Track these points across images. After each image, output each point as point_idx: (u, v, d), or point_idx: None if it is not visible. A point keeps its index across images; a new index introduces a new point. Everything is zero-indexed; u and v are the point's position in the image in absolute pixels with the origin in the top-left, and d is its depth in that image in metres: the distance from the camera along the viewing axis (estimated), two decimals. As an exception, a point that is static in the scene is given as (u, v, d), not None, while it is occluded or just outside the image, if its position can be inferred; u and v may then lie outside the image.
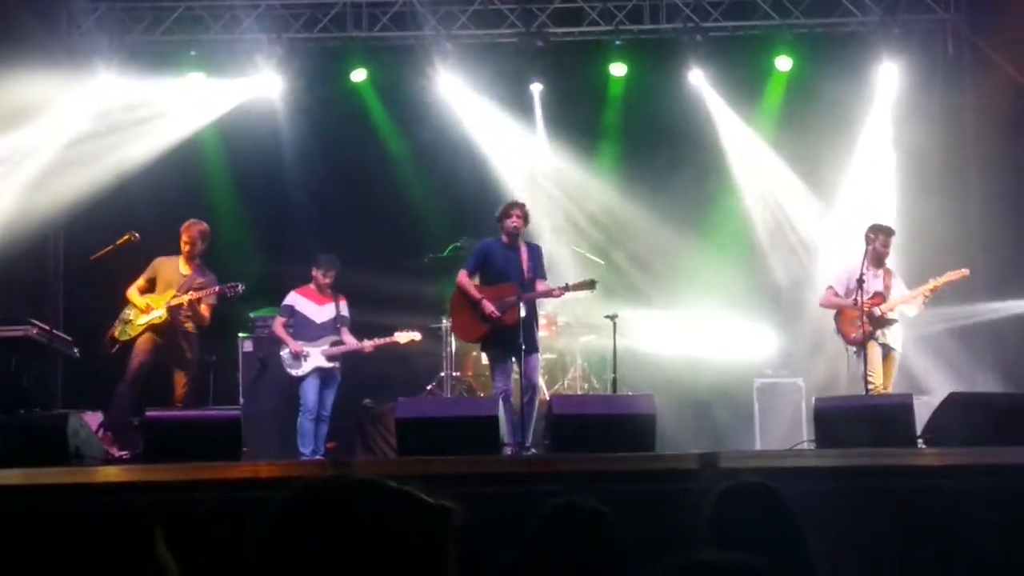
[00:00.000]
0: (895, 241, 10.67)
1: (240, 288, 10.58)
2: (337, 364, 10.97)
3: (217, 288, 10.45)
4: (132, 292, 10.50)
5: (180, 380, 10.47)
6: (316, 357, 10.81)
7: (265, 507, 1.94)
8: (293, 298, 11.09)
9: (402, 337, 11.08)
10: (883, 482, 7.60)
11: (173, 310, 10.34)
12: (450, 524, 1.98)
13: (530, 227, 10.53)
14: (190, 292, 10.33)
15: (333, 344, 10.89)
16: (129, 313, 10.45)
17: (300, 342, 10.84)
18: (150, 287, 10.53)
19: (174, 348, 10.48)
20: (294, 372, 10.82)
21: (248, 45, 12.81)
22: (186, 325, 10.50)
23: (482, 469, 7.91)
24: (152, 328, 10.35)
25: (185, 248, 10.54)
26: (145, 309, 10.38)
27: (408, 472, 7.89)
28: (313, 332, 10.92)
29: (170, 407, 9.99)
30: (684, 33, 12.75)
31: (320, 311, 11.00)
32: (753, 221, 13.04)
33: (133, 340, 10.36)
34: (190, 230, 10.54)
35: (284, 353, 10.88)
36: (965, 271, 10.41)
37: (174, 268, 10.57)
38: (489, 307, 9.90)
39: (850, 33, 12.84)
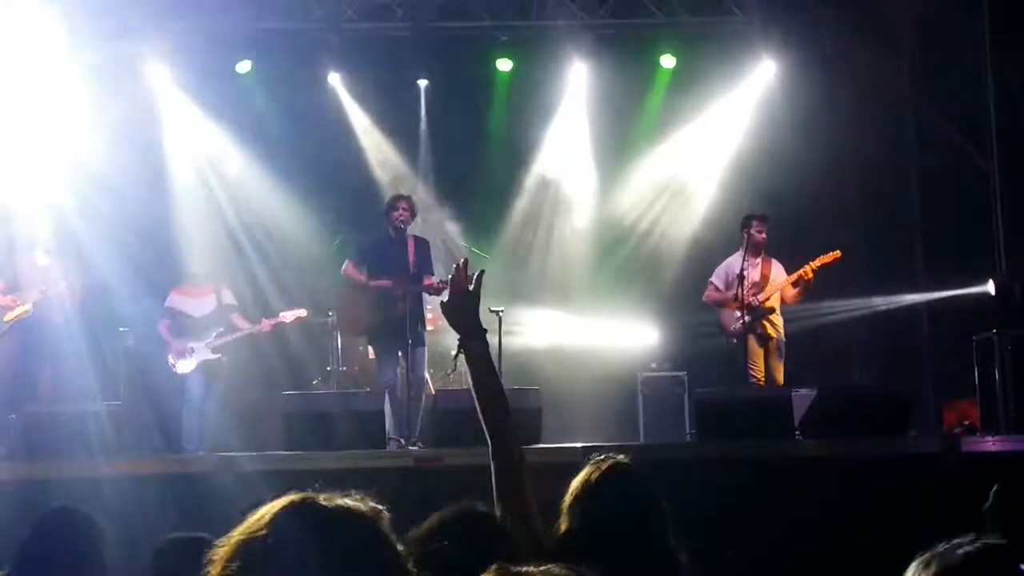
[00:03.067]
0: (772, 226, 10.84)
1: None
2: (223, 356, 10.85)
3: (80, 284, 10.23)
4: None
5: (47, 376, 10.12)
6: (201, 351, 10.68)
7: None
8: (171, 299, 10.93)
9: (288, 316, 11.00)
10: (761, 473, 7.82)
11: (40, 303, 10.06)
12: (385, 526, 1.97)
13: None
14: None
15: (218, 335, 10.77)
16: None
17: (185, 338, 10.68)
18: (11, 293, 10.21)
19: (40, 343, 10.12)
20: (179, 370, 10.66)
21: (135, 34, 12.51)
22: (54, 317, 10.18)
23: (367, 464, 7.94)
24: (20, 322, 10.05)
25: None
26: (10, 304, 10.07)
27: (293, 468, 7.87)
28: (196, 327, 10.77)
29: (46, 402, 9.73)
30: (569, 30, 12.82)
31: (199, 305, 10.85)
32: (637, 215, 13.19)
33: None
34: None
35: (169, 354, 10.72)
36: (837, 253, 10.56)
37: (32, 265, 10.23)
38: (381, 283, 9.85)
39: (732, 32, 13.00)
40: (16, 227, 10.37)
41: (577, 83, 13.03)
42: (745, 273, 10.45)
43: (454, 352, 3.80)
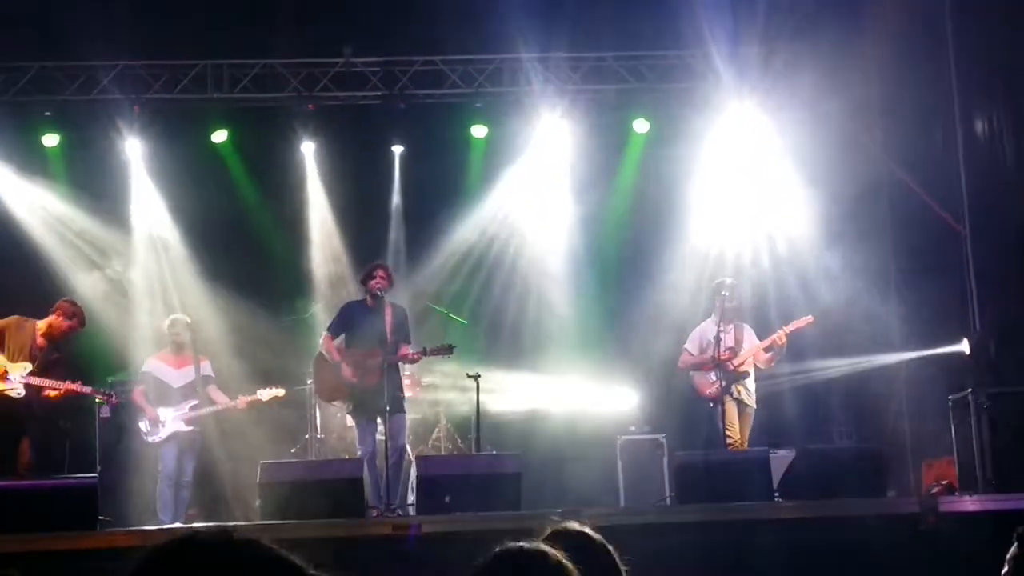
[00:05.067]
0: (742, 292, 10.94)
1: (114, 400, 10.56)
2: (197, 428, 10.77)
3: (89, 389, 10.17)
4: None
5: (25, 447, 9.92)
6: (173, 422, 10.59)
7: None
8: (150, 364, 10.91)
9: (264, 394, 10.93)
10: (740, 535, 7.81)
11: (30, 388, 9.90)
12: None
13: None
14: (62, 384, 9.89)
15: (192, 408, 10.71)
16: None
17: (161, 408, 10.63)
18: None
19: (21, 415, 9.94)
20: (151, 439, 10.59)
21: (106, 106, 12.59)
22: (39, 393, 10.07)
23: (346, 533, 7.89)
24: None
25: (52, 325, 10.10)
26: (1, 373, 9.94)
27: (272, 536, 7.79)
28: (172, 396, 10.71)
29: (15, 476, 9.56)
30: (542, 96, 12.92)
31: (178, 375, 10.81)
32: (615, 281, 13.22)
33: None
34: (64, 309, 10.16)
35: (141, 422, 10.66)
36: (810, 317, 10.66)
37: (30, 337, 10.05)
38: (347, 371, 9.88)
39: (704, 94, 13.08)
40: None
41: (552, 146, 13.11)
42: (721, 336, 10.50)
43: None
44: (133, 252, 12.91)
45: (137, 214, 12.94)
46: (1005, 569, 4.20)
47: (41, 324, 10.12)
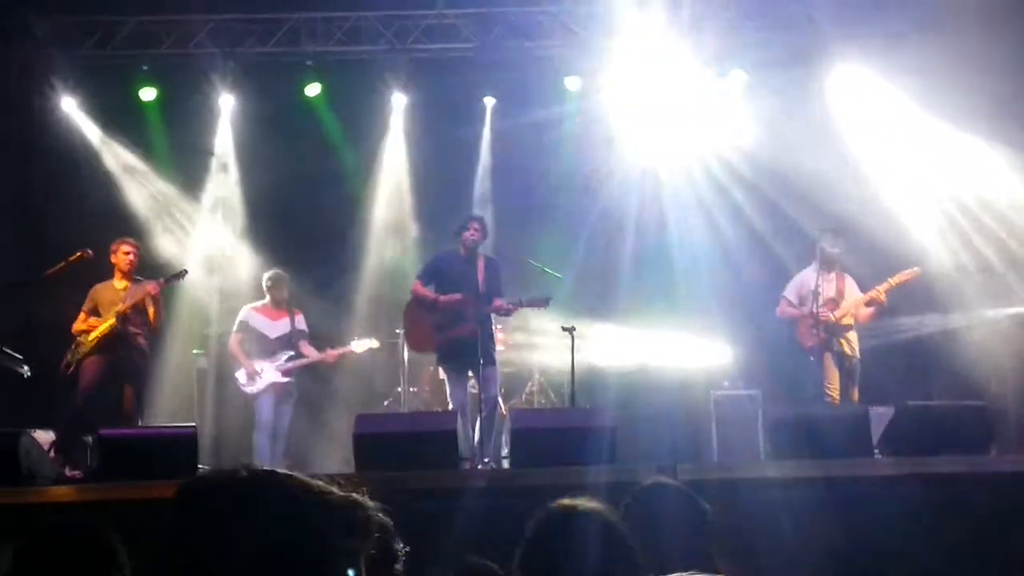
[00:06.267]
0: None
1: (184, 272, 10.71)
2: (292, 379, 10.90)
3: (161, 280, 10.39)
4: (77, 326, 10.30)
5: (129, 395, 10.22)
6: (270, 373, 10.74)
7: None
8: (247, 314, 11.04)
9: (358, 346, 11.05)
10: (838, 492, 7.67)
11: (122, 318, 10.18)
12: (360, 523, 1.91)
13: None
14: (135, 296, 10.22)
15: (289, 359, 10.81)
16: (79, 340, 10.28)
17: (255, 359, 10.77)
18: (93, 316, 10.38)
19: (124, 362, 10.27)
20: (249, 390, 10.75)
21: (201, 60, 12.71)
22: (137, 339, 10.32)
23: (441, 484, 7.91)
24: (102, 343, 10.17)
25: (120, 265, 10.41)
26: (95, 326, 10.23)
27: (365, 487, 7.84)
28: (268, 347, 10.85)
29: (123, 424, 9.84)
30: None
31: (274, 326, 10.94)
32: (713, 232, 13.00)
33: (85, 358, 10.21)
34: (119, 248, 10.46)
35: (238, 372, 10.81)
36: (917, 269, 10.43)
37: (111, 289, 10.39)
38: (451, 297, 9.85)
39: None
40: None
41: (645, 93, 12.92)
42: (820, 289, 10.29)
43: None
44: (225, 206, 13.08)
45: (229, 168, 13.09)
46: None
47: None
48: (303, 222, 12.88)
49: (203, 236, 13.00)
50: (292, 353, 10.86)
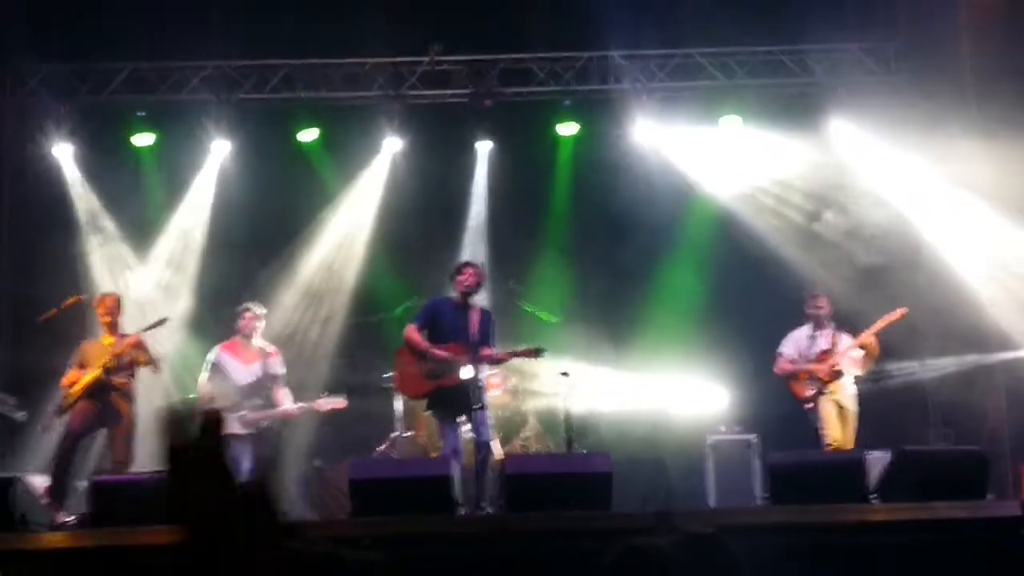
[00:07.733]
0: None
1: (164, 319, 10.60)
2: (254, 431, 10.43)
3: (141, 332, 10.29)
4: (65, 381, 10.21)
5: (120, 440, 10.09)
6: (233, 423, 10.22)
7: None
8: (218, 355, 10.71)
9: (323, 404, 10.77)
10: (835, 538, 7.64)
11: (107, 370, 10.09)
12: None
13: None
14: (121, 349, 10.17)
15: (252, 409, 10.48)
16: (67, 393, 10.22)
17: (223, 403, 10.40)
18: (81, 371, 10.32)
19: (114, 406, 10.15)
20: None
21: (197, 106, 12.77)
22: (124, 387, 10.22)
23: (437, 530, 7.86)
24: (90, 390, 10.13)
25: (104, 320, 10.34)
26: (76, 378, 10.17)
27: (362, 534, 7.80)
28: (236, 393, 10.49)
29: (115, 470, 9.74)
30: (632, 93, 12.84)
31: (246, 371, 10.62)
32: (706, 278, 13.04)
33: (73, 404, 10.12)
34: (104, 302, 10.43)
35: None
36: (903, 309, 10.50)
37: (98, 346, 10.31)
38: (441, 353, 9.77)
39: (798, 93, 12.99)
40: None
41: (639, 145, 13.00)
42: (815, 341, 10.59)
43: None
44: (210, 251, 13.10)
45: (215, 211, 13.12)
46: None
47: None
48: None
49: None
50: (260, 402, 10.54)
